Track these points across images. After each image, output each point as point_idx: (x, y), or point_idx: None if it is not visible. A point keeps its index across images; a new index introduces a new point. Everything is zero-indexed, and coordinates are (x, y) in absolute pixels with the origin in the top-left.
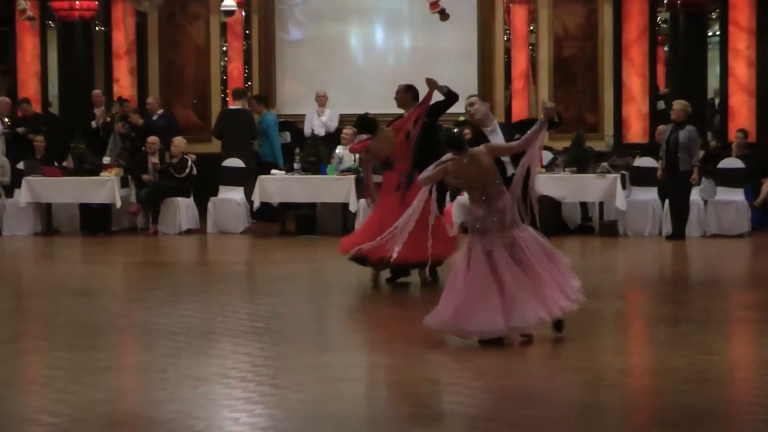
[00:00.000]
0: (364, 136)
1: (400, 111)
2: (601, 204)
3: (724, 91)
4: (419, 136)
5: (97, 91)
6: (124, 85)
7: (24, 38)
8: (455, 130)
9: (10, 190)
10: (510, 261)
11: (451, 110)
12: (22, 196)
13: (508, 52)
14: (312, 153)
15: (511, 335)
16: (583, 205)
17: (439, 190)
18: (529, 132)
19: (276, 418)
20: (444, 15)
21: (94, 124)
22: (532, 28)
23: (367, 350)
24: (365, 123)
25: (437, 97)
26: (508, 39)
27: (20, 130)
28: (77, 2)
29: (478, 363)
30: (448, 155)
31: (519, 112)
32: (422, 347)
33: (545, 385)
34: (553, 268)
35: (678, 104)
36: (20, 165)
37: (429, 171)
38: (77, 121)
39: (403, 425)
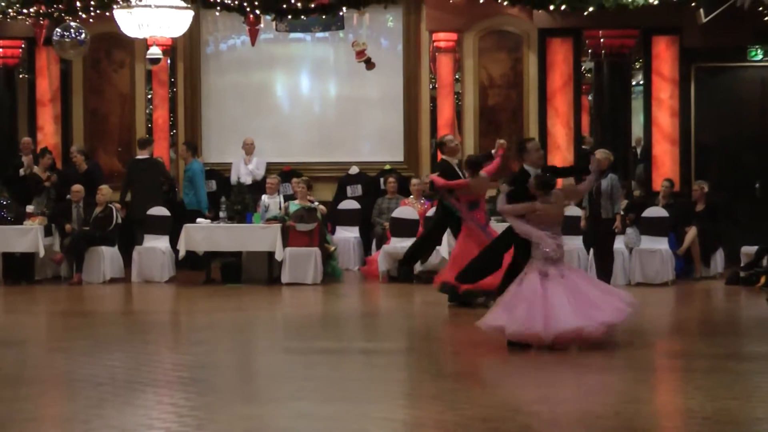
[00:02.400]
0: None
1: (327, 159)
2: None
3: (647, 140)
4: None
5: (26, 139)
6: (48, 132)
7: None
8: (547, 175)
9: None
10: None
11: (377, 159)
12: None
13: (434, 100)
14: (238, 201)
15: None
16: None
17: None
18: (587, 181)
19: None
20: (370, 64)
21: (22, 172)
22: (457, 76)
23: (295, 400)
24: (475, 163)
25: None
26: (434, 87)
27: None
28: (1, 50)
29: (405, 413)
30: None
31: None
32: (349, 397)
33: None
34: (596, 289)
35: (600, 153)
36: None
37: (515, 206)
38: (1, 169)
39: None
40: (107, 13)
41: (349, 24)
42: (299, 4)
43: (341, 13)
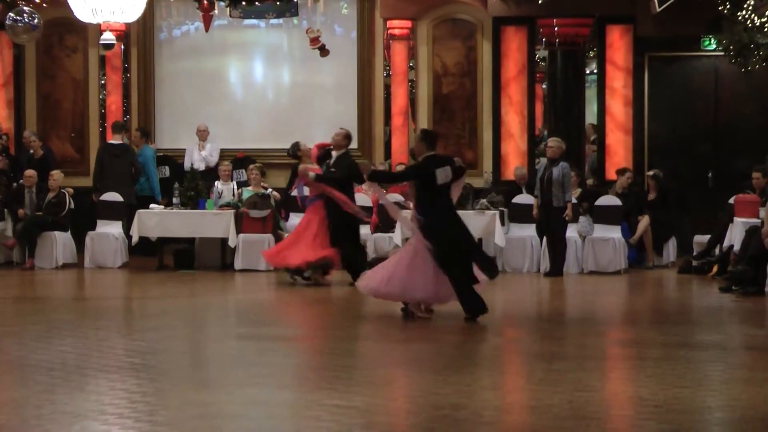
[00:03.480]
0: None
1: (281, 146)
2: (480, 240)
3: (601, 129)
4: None
5: None
6: (1, 117)
7: None
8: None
9: None
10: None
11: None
12: None
13: (387, 88)
14: (191, 187)
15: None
16: None
17: None
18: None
19: None
20: (324, 51)
21: None
22: (411, 64)
23: (247, 386)
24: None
25: None
26: (388, 75)
27: None
28: None
29: (357, 400)
30: None
31: (398, 147)
32: (300, 384)
33: (423, 422)
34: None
35: (553, 141)
36: None
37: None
38: None
39: None
40: None
41: (304, 11)
42: None
43: (295, 0)
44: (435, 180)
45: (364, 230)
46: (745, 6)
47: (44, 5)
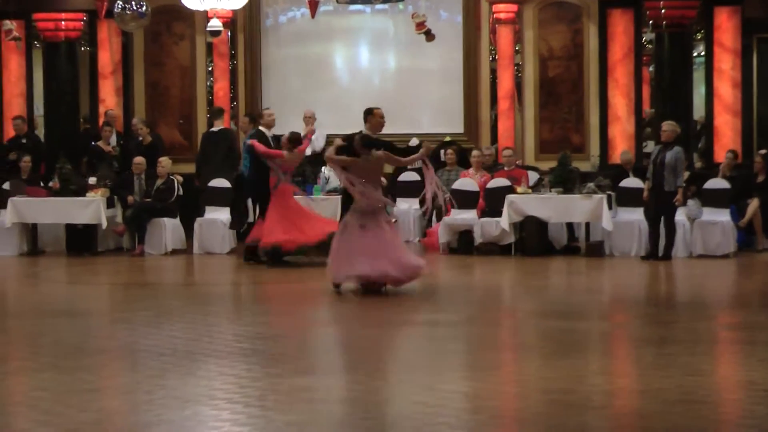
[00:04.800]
0: None
1: (387, 131)
2: (587, 224)
3: (709, 111)
4: None
5: (111, 111)
6: (109, 105)
7: (9, 58)
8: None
9: None
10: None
11: (437, 131)
12: (8, 216)
13: (493, 72)
14: (298, 173)
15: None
16: (570, 226)
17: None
18: (411, 157)
19: None
20: (429, 35)
21: (101, 144)
22: (517, 48)
23: (355, 372)
24: (296, 140)
25: None
26: (494, 59)
27: (13, 155)
28: (63, 22)
29: (467, 385)
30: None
31: (504, 132)
32: (409, 369)
33: (532, 407)
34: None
35: (667, 125)
36: (6, 185)
37: (340, 157)
38: (63, 141)
39: None
40: None
41: None
42: None
43: None
44: None
45: (462, 215)
46: None
47: None
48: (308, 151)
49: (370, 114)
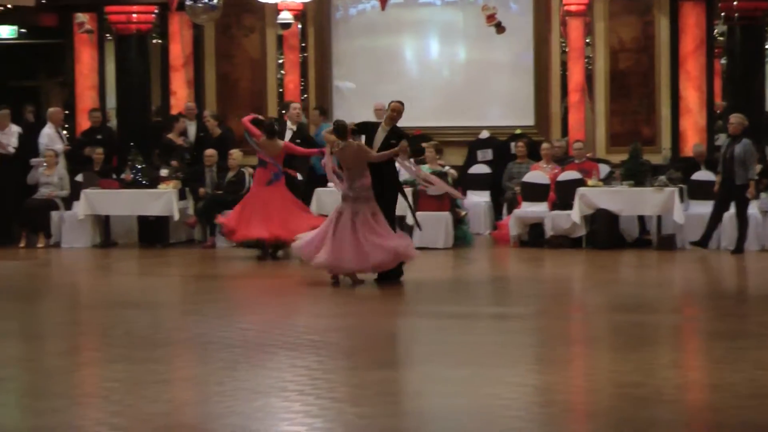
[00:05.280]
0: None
1: (457, 123)
2: (658, 217)
3: None
4: None
5: (190, 104)
6: (180, 97)
7: (82, 51)
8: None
9: (68, 203)
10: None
11: (507, 123)
12: (81, 208)
13: (563, 64)
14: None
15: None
16: (641, 219)
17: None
18: (381, 154)
19: None
20: (500, 28)
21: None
22: (588, 40)
23: (426, 363)
24: (272, 130)
25: None
26: (564, 51)
27: (88, 151)
28: (134, 15)
29: (538, 378)
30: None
31: (575, 124)
32: (479, 362)
33: (603, 401)
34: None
35: (735, 118)
36: (79, 177)
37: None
38: (135, 134)
39: None
40: None
41: None
42: None
43: None
44: None
45: (533, 207)
46: None
47: None
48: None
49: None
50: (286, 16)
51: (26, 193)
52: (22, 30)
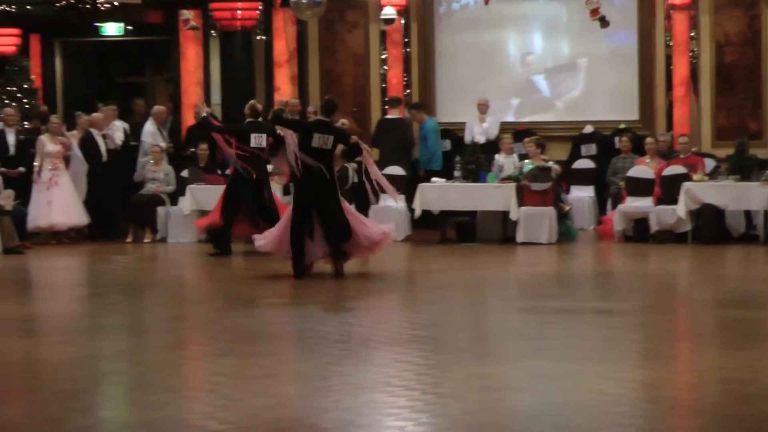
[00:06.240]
0: None
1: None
2: (765, 212)
3: None
4: None
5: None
6: (284, 93)
7: (187, 47)
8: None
9: (174, 199)
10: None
11: (611, 118)
12: (186, 203)
13: (668, 58)
14: (472, 161)
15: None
16: (747, 214)
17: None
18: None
19: (440, 427)
20: (604, 22)
21: None
22: (692, 34)
23: (530, 358)
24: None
25: None
26: (669, 45)
27: (191, 152)
28: (239, 12)
29: (643, 374)
30: None
31: (679, 118)
32: (584, 357)
33: (709, 397)
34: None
35: None
36: (184, 173)
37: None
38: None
39: None
40: None
41: None
42: None
43: None
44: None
45: (638, 202)
46: None
47: None
48: (482, 139)
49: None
50: (389, 12)
51: (133, 188)
52: (129, 27)
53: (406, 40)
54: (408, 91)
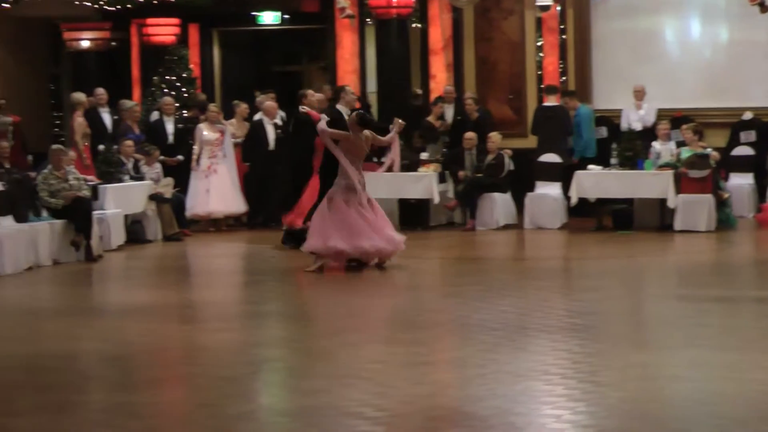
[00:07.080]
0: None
1: (719, 105)
2: None
3: None
4: None
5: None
6: (440, 80)
7: (343, 35)
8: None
9: None
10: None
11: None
12: None
13: None
14: (629, 148)
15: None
16: None
17: None
18: (387, 137)
19: (597, 416)
20: (763, 7)
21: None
22: None
23: (689, 347)
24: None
25: None
26: None
27: None
28: (394, 0)
29: None
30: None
31: None
32: (741, 346)
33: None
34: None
35: None
36: None
37: (334, 130)
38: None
39: (724, 428)
40: None
41: None
42: None
43: None
44: None
45: None
46: None
47: None
48: (638, 126)
49: (342, 91)
50: None
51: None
52: (286, 16)
53: (561, 26)
54: (564, 78)
